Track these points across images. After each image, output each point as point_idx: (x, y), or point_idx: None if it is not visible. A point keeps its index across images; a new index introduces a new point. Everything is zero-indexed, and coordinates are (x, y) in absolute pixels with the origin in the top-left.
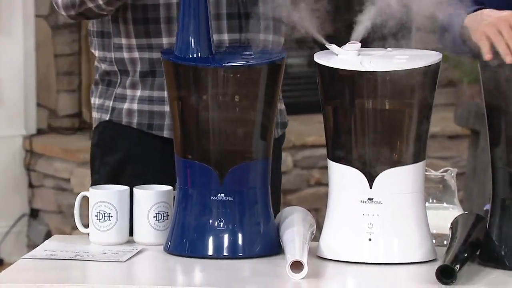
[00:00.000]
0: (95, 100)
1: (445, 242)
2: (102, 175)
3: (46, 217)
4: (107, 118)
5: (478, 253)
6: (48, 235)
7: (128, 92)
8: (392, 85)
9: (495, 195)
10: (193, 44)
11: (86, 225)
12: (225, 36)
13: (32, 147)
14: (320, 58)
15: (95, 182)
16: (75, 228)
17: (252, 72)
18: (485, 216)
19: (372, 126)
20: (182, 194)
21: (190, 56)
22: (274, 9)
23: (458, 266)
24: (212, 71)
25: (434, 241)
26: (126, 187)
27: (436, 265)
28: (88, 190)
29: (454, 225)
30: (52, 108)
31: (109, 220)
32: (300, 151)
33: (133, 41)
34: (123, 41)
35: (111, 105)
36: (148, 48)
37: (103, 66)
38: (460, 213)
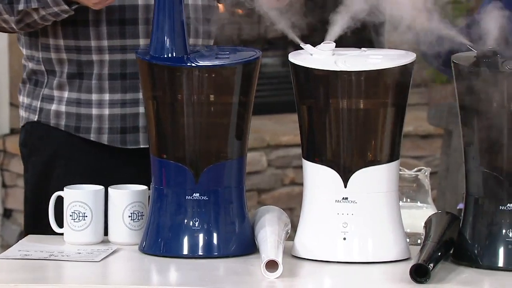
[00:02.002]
0: (23, 99)
1: (419, 241)
2: (32, 173)
3: (20, 217)
4: (35, 119)
5: (451, 252)
6: (21, 235)
7: (56, 93)
8: (366, 85)
9: (468, 194)
10: (168, 44)
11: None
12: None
13: (5, 147)
14: (295, 57)
15: (26, 180)
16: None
17: (227, 72)
18: (458, 215)
19: (346, 126)
20: (157, 194)
21: (165, 56)
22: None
23: (432, 265)
24: (187, 71)
25: (408, 240)
26: (101, 187)
27: (410, 264)
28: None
29: (428, 224)
30: None
31: (84, 220)
32: (275, 150)
33: (61, 42)
34: (51, 41)
35: (38, 105)
36: (76, 50)
37: (30, 65)
38: (434, 212)
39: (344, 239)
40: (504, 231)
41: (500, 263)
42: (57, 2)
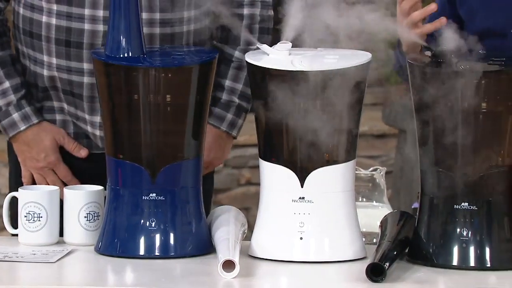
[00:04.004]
0: None
1: (374, 240)
2: (11, 172)
3: None
4: None
5: (407, 250)
6: None
7: None
8: (322, 84)
9: (423, 193)
10: (124, 43)
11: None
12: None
13: None
14: (251, 57)
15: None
16: (3, 229)
17: (184, 72)
18: (413, 214)
19: (303, 125)
20: (114, 194)
21: (121, 56)
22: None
23: (387, 264)
24: (143, 70)
25: (364, 239)
26: (56, 187)
27: (366, 263)
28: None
29: (383, 224)
30: None
31: (39, 220)
32: (231, 150)
33: (24, 49)
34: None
35: None
36: (33, 60)
37: None
38: (389, 211)
39: (301, 238)
40: (458, 230)
41: (455, 262)
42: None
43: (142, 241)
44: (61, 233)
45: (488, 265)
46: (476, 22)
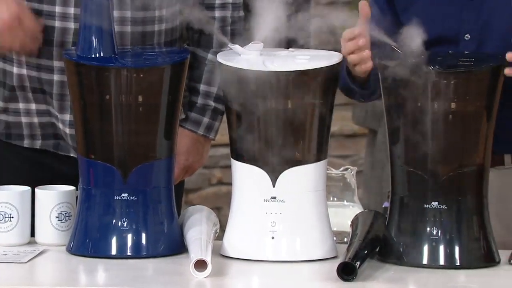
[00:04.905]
0: None
1: (345, 239)
2: None
3: None
4: None
5: (377, 249)
6: None
7: None
8: (294, 85)
9: (394, 193)
10: (95, 44)
11: None
12: (128, 14)
13: None
14: (223, 57)
15: None
16: None
17: (156, 72)
18: (384, 214)
19: (274, 126)
20: (85, 194)
21: (93, 56)
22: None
23: (358, 262)
24: (115, 71)
25: (335, 238)
26: (28, 188)
27: (337, 262)
28: None
29: (354, 223)
30: None
31: (10, 221)
32: None
33: None
34: None
35: None
36: (2, 58)
37: None
38: (360, 210)
39: (273, 238)
40: (428, 229)
41: (425, 261)
42: None
43: (114, 241)
44: (32, 233)
45: (458, 263)
46: (424, 29)
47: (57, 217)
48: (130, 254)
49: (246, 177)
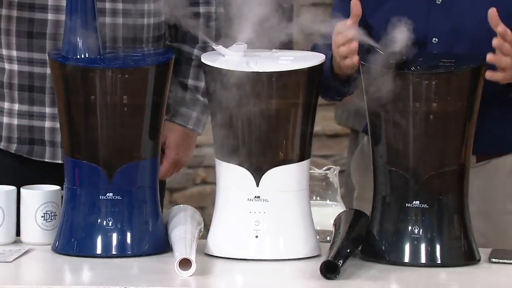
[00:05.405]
0: None
1: (328, 238)
2: None
3: None
4: None
5: (360, 248)
6: None
7: None
8: (277, 85)
9: (376, 192)
10: (80, 45)
11: None
12: (120, 5)
13: None
14: (207, 58)
15: None
16: None
17: (140, 73)
18: (366, 213)
19: (258, 126)
20: (71, 194)
21: (78, 57)
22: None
23: (341, 261)
24: (100, 71)
25: (318, 237)
26: (13, 187)
27: (320, 261)
28: None
29: (337, 222)
30: None
31: None
32: None
33: None
34: None
35: None
36: None
37: None
38: (343, 209)
39: (256, 237)
40: (410, 227)
41: (406, 259)
42: None
43: (99, 240)
44: (17, 233)
45: (439, 261)
46: (392, 32)
47: (42, 216)
48: (115, 253)
49: (230, 176)
